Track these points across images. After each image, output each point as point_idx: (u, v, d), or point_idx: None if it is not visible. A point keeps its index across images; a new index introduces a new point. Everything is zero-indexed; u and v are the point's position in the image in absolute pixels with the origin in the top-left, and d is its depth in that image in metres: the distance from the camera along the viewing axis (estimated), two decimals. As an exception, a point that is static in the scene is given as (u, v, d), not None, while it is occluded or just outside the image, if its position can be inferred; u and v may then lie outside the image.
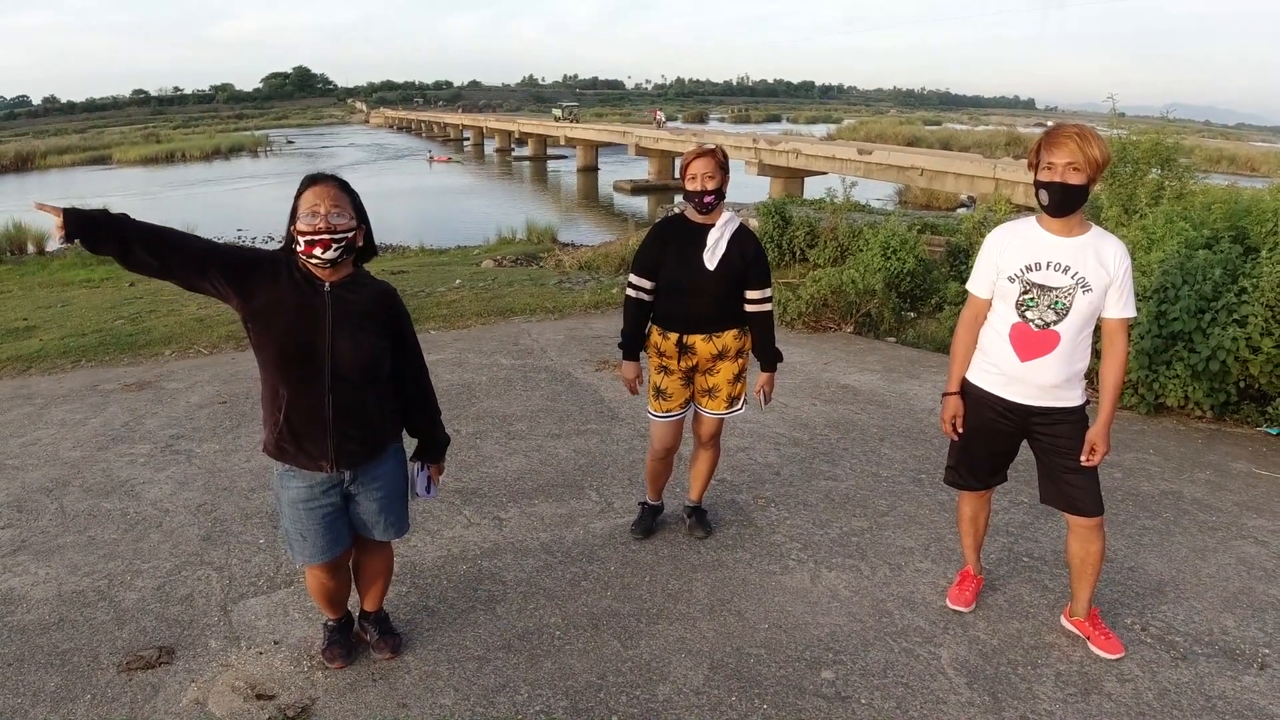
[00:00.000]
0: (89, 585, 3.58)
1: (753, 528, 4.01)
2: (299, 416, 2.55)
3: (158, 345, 8.33)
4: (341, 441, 2.59)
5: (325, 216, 2.43)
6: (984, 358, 2.97)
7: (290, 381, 2.53)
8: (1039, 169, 2.72)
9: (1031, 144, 2.78)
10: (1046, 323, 2.78)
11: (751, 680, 2.89)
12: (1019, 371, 2.85)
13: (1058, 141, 2.65)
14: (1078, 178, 2.64)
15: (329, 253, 2.45)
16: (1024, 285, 2.79)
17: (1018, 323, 2.83)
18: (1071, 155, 2.62)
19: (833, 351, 7.59)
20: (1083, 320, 2.77)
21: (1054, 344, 2.78)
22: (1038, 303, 2.78)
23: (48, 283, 17.37)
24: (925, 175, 29.10)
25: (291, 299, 2.49)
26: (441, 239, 25.09)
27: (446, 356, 7.27)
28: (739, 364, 3.64)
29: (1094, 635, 3.06)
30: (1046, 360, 2.80)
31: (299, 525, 2.66)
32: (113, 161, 65.12)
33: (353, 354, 2.53)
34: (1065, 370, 2.80)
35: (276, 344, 2.50)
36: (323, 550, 2.70)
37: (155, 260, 2.41)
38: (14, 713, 2.79)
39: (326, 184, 2.50)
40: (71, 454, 5.17)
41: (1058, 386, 2.83)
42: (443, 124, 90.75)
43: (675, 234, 3.52)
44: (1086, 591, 3.05)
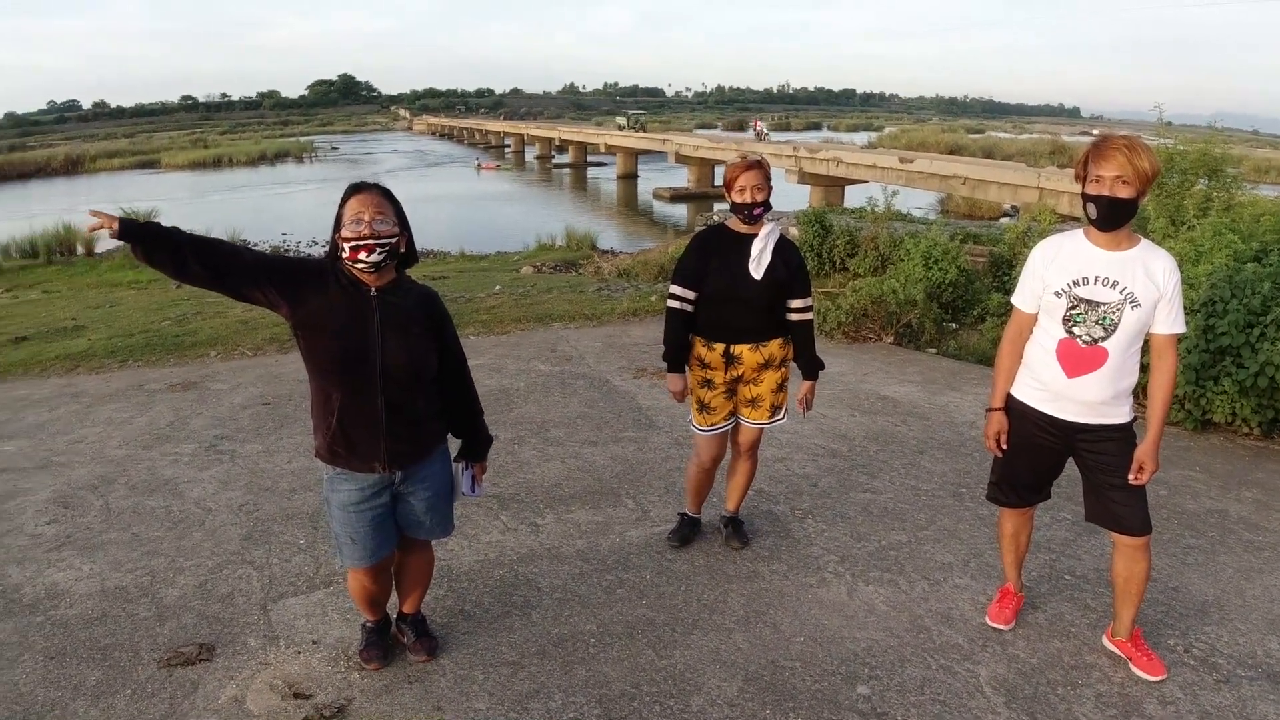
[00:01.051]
0: (131, 581, 3.66)
1: (790, 539, 3.97)
2: (352, 419, 2.60)
3: (203, 346, 8.50)
4: (394, 442, 2.65)
5: (369, 223, 2.49)
6: (1029, 373, 2.91)
7: (343, 385, 2.58)
8: (1086, 181, 2.66)
9: (1079, 155, 2.73)
10: (1094, 339, 2.72)
11: (786, 694, 2.86)
12: (1065, 388, 2.79)
13: (1106, 154, 2.59)
14: (1127, 191, 2.58)
15: (373, 257, 2.50)
16: (1071, 300, 2.74)
17: (1064, 338, 2.77)
18: (1120, 168, 2.56)
19: (872, 362, 7.52)
20: (1131, 337, 2.71)
21: (1101, 360, 2.72)
22: (1085, 318, 2.72)
23: (96, 283, 17.85)
24: (968, 184, 28.76)
25: (340, 305, 2.55)
26: (482, 245, 25.31)
27: (485, 362, 7.32)
28: (782, 373, 3.62)
29: (1136, 656, 2.98)
30: (1093, 377, 2.74)
31: (349, 528, 2.71)
32: (161, 166, 66.67)
33: (402, 356, 2.58)
34: (1112, 387, 2.74)
35: (328, 349, 2.55)
36: (371, 553, 2.74)
37: (208, 271, 2.48)
38: (55, 705, 2.86)
39: (370, 192, 2.56)
40: (117, 452, 5.29)
41: (1105, 403, 2.77)
42: (484, 131, 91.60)
43: (718, 244, 3.51)
44: (1130, 612, 2.97)
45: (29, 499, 4.57)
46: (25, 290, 17.80)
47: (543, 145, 70.39)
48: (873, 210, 13.88)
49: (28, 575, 3.73)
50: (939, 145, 56.90)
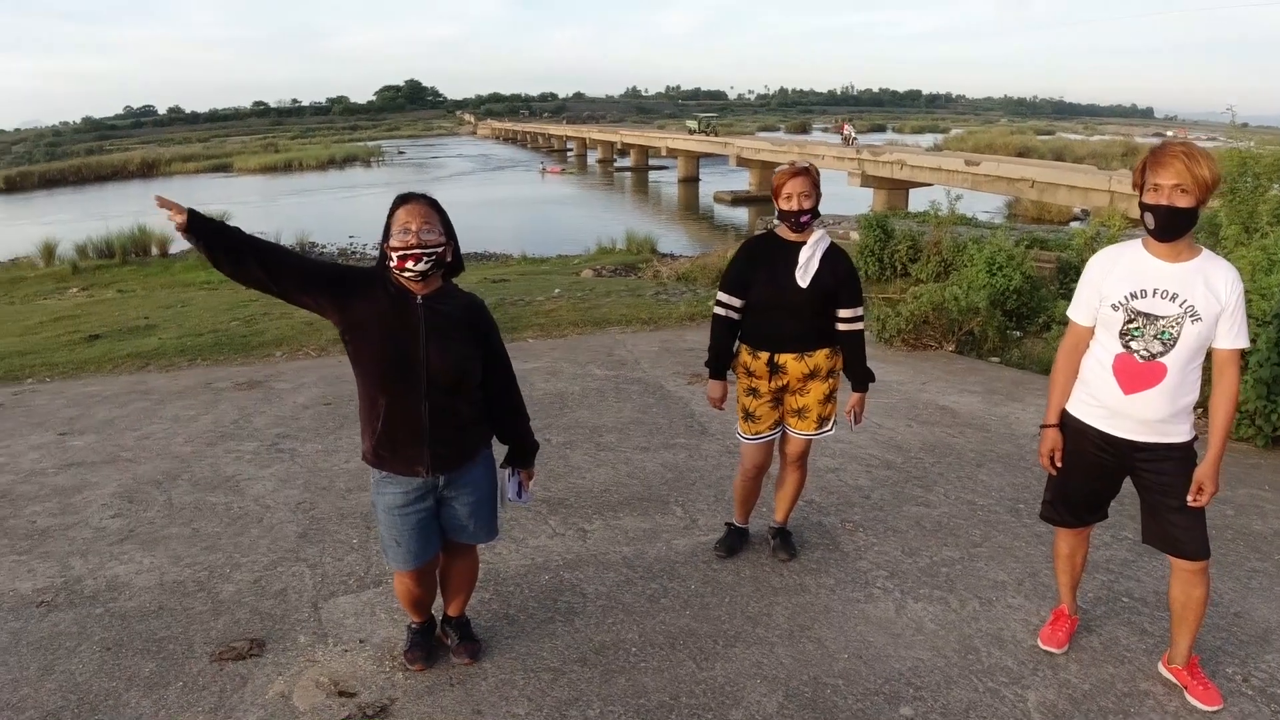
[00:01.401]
0: (189, 576, 3.77)
1: (839, 553, 3.91)
2: (396, 423, 2.65)
3: (269, 346, 8.75)
4: (436, 447, 2.69)
5: (416, 233, 2.55)
6: (1085, 389, 2.81)
7: (388, 390, 2.63)
8: (1144, 190, 2.56)
9: (1136, 163, 2.63)
10: (1152, 354, 2.62)
11: (826, 711, 2.81)
12: (1122, 405, 2.69)
13: (1164, 161, 2.49)
14: (1186, 200, 2.48)
15: (420, 265, 2.56)
16: (1129, 314, 2.64)
17: (1121, 353, 2.67)
18: (1179, 176, 2.46)
19: (932, 371, 7.37)
20: (1191, 351, 2.60)
21: (1160, 376, 2.62)
22: (1143, 332, 2.62)
23: (169, 284, 18.47)
24: (1036, 187, 28.04)
25: (387, 311, 2.61)
26: (543, 248, 25.52)
27: (542, 365, 7.38)
28: (830, 384, 3.56)
29: (1191, 685, 2.85)
30: (1151, 394, 2.63)
31: (394, 531, 2.76)
32: (233, 170, 68.73)
33: (446, 362, 2.62)
34: (1171, 405, 2.64)
35: (374, 354, 2.61)
36: (415, 556, 2.79)
37: (264, 272, 2.55)
38: (108, 695, 2.96)
39: (417, 203, 2.62)
40: (182, 449, 5.46)
41: (1163, 421, 2.66)
42: (547, 135, 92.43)
43: (766, 252, 3.48)
44: (1187, 638, 2.85)
45: (95, 493, 4.75)
46: (101, 289, 18.52)
47: (604, 149, 70.73)
48: (936, 214, 13.63)
49: (90, 568, 3.87)
50: (1007, 147, 55.60)
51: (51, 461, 5.32)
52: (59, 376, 8.04)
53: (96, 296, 16.91)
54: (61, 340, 9.91)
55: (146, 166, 70.34)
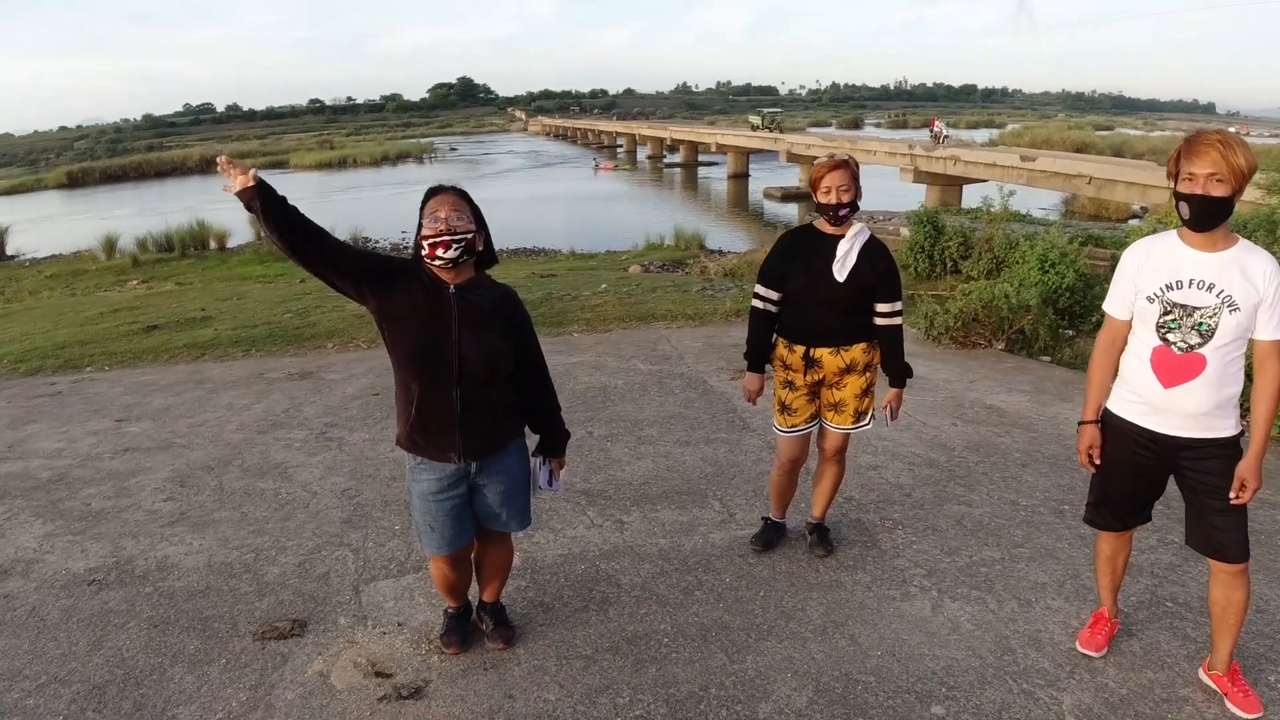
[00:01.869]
0: (236, 558, 3.88)
1: (876, 550, 3.88)
2: (429, 410, 2.70)
3: (321, 338, 8.93)
4: (468, 435, 2.74)
5: (445, 220, 2.61)
6: (1125, 386, 2.75)
7: (421, 378, 2.68)
8: (1179, 180, 2.50)
9: (1170, 152, 2.57)
10: (1190, 345, 2.56)
11: (856, 708, 2.80)
12: (1163, 399, 2.63)
13: (1199, 150, 2.43)
14: (1221, 189, 2.42)
15: (450, 252, 2.61)
16: (1165, 305, 2.58)
17: (1159, 346, 2.61)
18: (1214, 165, 2.40)
19: (980, 369, 7.25)
20: (1230, 342, 2.53)
21: (1199, 368, 2.55)
22: (1180, 324, 2.56)
23: (226, 277, 18.96)
24: (1093, 184, 27.35)
25: (421, 300, 2.67)
26: (591, 244, 25.65)
27: (586, 359, 7.42)
28: (866, 378, 3.53)
29: (1232, 692, 2.77)
30: (1192, 386, 2.57)
31: (428, 517, 2.82)
32: (289, 166, 70.21)
33: (477, 351, 2.67)
34: (1214, 396, 2.57)
35: (408, 342, 2.67)
36: (449, 542, 2.84)
37: (319, 251, 2.61)
38: (153, 671, 3.07)
39: (446, 193, 2.69)
40: (234, 436, 5.61)
41: (1207, 414, 2.59)
42: (597, 131, 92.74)
43: (804, 245, 3.47)
44: (1228, 643, 2.77)
45: (149, 477, 4.91)
46: (160, 282, 19.09)
47: (654, 145, 70.74)
48: (988, 210, 13.39)
49: (141, 548, 4.01)
50: (1064, 143, 54.27)
51: (108, 447, 5.51)
52: (117, 365, 8.30)
53: (155, 289, 17.42)
54: (120, 330, 10.23)
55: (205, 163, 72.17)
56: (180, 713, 2.85)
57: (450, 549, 2.86)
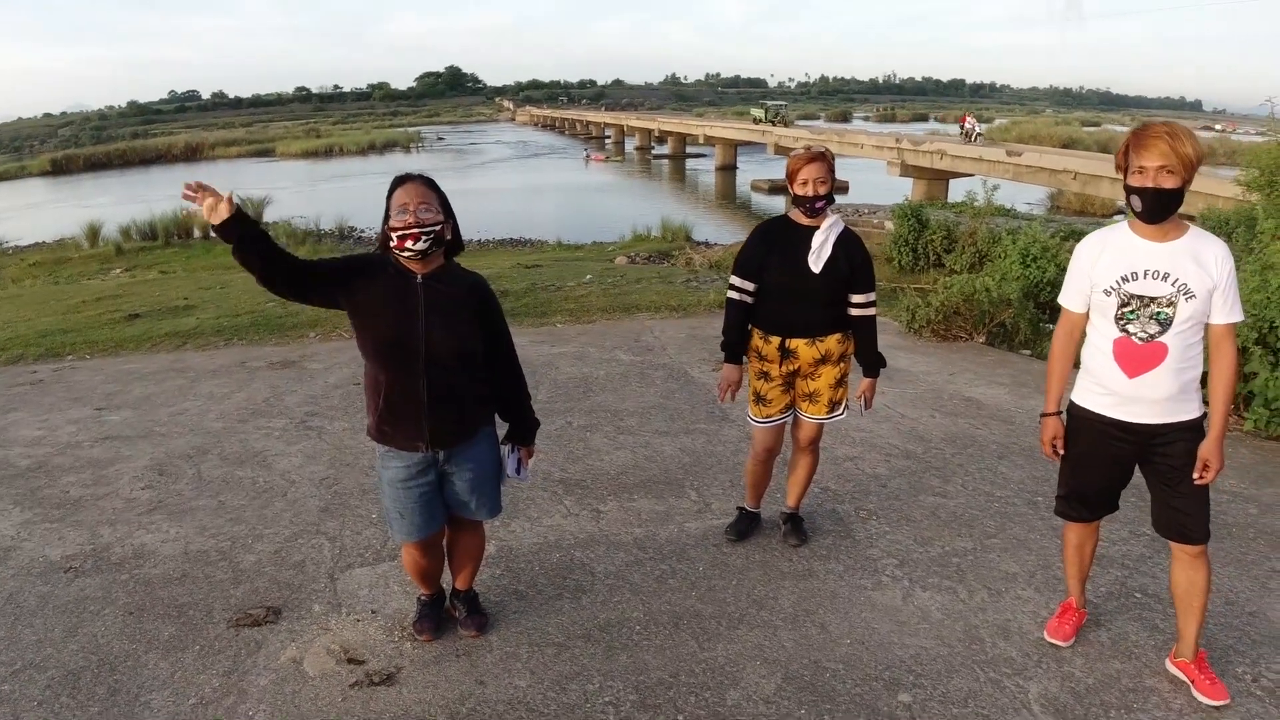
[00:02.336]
0: (213, 546, 3.88)
1: (850, 539, 3.92)
2: (397, 400, 2.71)
3: (304, 328, 8.90)
4: (436, 423, 2.74)
5: (414, 212, 2.61)
6: (1091, 379, 2.79)
7: (388, 367, 2.69)
8: (1129, 173, 2.53)
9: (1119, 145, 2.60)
10: (1150, 335, 2.60)
11: (824, 695, 2.83)
12: (1129, 389, 2.66)
13: (1147, 143, 2.46)
14: (1172, 181, 2.45)
15: (419, 244, 2.62)
16: (1122, 297, 2.62)
17: (1120, 337, 2.65)
18: (1164, 157, 2.43)
19: (961, 362, 7.30)
20: (1189, 329, 2.58)
21: (1161, 356, 2.60)
22: (1139, 315, 2.60)
23: (210, 265, 18.85)
24: (1078, 179, 27.51)
25: (389, 291, 2.67)
26: (578, 235, 25.65)
27: (569, 350, 7.43)
28: (841, 368, 3.56)
29: (1198, 679, 2.81)
30: (1156, 374, 2.61)
31: (397, 504, 2.83)
32: (275, 154, 69.82)
33: (445, 340, 2.68)
34: (1177, 381, 2.61)
35: (375, 332, 2.68)
36: (418, 528, 2.85)
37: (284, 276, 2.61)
38: (128, 657, 3.07)
39: (414, 183, 2.68)
40: (214, 425, 5.60)
41: (1172, 400, 2.64)
42: (585, 122, 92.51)
43: (779, 236, 3.49)
44: (1193, 628, 2.82)
45: (128, 465, 4.90)
46: (143, 270, 18.98)
47: (642, 136, 70.64)
48: (972, 205, 13.46)
49: (119, 536, 4.01)
50: (1051, 138, 54.50)
51: (88, 435, 5.49)
52: (99, 354, 8.25)
53: (139, 277, 17.32)
54: (103, 319, 10.17)
55: (190, 150, 71.77)
56: (153, 699, 2.85)
57: (419, 536, 2.87)
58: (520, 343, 3.10)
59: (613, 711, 2.76)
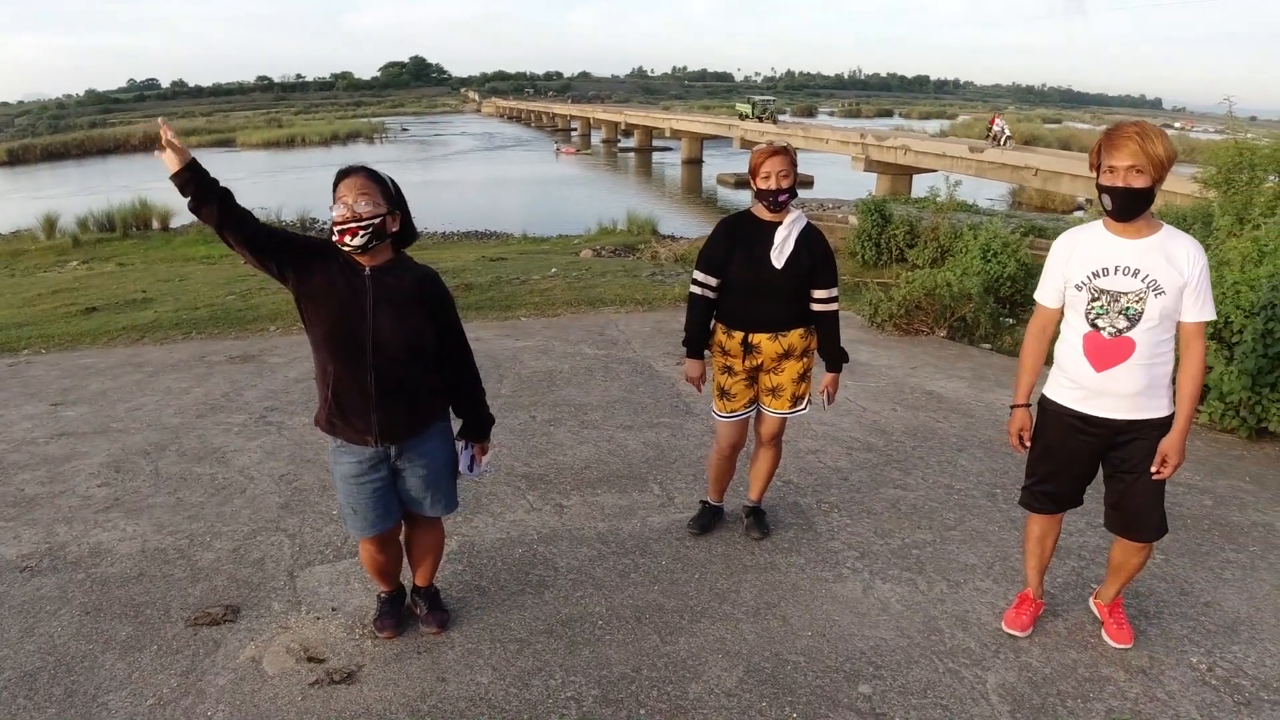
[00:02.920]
0: (170, 544, 3.82)
1: (812, 532, 3.95)
2: (345, 392, 2.69)
3: (264, 321, 8.78)
4: (385, 416, 2.71)
5: (351, 206, 2.56)
6: (1061, 373, 2.83)
7: (336, 359, 2.66)
8: (1100, 172, 2.58)
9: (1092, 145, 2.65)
10: (1119, 330, 2.64)
11: (785, 687, 2.86)
12: (1097, 383, 2.71)
13: (1118, 142, 2.50)
14: (1141, 180, 2.50)
15: (357, 239, 2.57)
16: (1092, 292, 2.67)
17: (1089, 332, 2.70)
18: (1134, 157, 2.48)
19: (922, 356, 7.39)
20: (1157, 325, 2.63)
21: (1129, 351, 2.64)
22: (1108, 310, 2.65)
23: (169, 258, 18.51)
24: (1040, 176, 27.93)
25: (338, 282, 2.64)
26: (544, 228, 25.52)
27: (533, 344, 7.40)
28: (804, 363, 3.59)
29: (1108, 622, 3.02)
30: (1123, 369, 2.66)
31: (350, 499, 2.81)
32: (236, 145, 68.65)
33: (393, 333, 2.65)
34: (1145, 376, 2.66)
35: (324, 323, 2.65)
36: (372, 524, 2.83)
37: (244, 232, 2.59)
38: (85, 658, 3.02)
39: (355, 175, 2.63)
40: (172, 420, 5.51)
41: (1139, 395, 2.68)
42: (551, 114, 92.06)
43: (742, 231, 3.50)
44: (1116, 586, 3.02)
45: (84, 462, 4.80)
46: (101, 263, 18.57)
47: (609, 129, 70.46)
48: (935, 200, 13.60)
49: (74, 534, 3.93)
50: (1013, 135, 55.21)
51: (43, 431, 5.37)
52: (55, 348, 8.09)
53: (96, 270, 16.96)
54: (59, 312, 9.97)
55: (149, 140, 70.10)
56: (111, 699, 2.81)
57: (373, 531, 2.85)
58: (484, 336, 3.09)
59: (575, 707, 2.77)
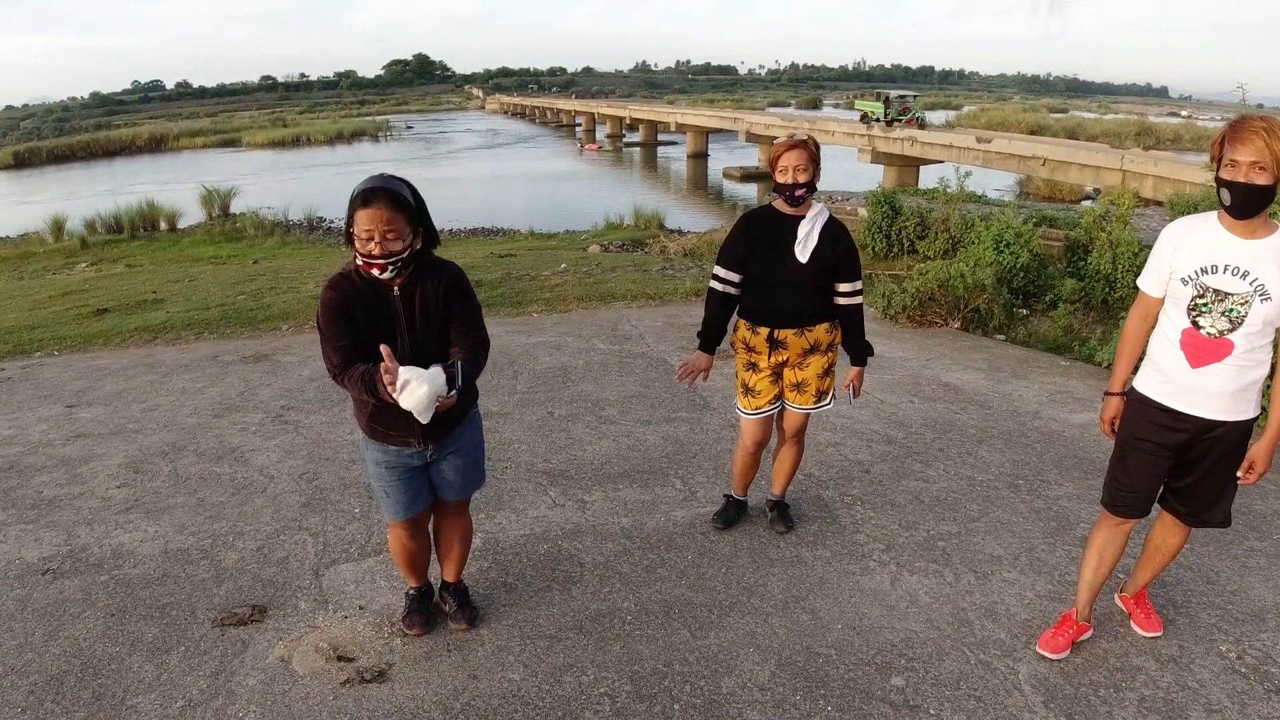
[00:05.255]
0: (193, 544, 3.82)
1: (836, 525, 3.94)
2: (387, 409, 2.64)
3: (276, 320, 8.78)
4: (428, 424, 2.68)
5: (380, 243, 2.46)
6: (1152, 365, 2.75)
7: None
8: (1221, 165, 2.47)
9: (1214, 136, 2.54)
10: (1219, 330, 2.55)
11: (818, 680, 2.85)
12: (1190, 379, 2.62)
13: (1243, 136, 2.39)
14: (1264, 177, 2.39)
15: (386, 273, 2.53)
16: (1198, 289, 2.57)
17: (1188, 328, 2.61)
18: (1258, 153, 2.37)
19: (936, 348, 7.36)
20: (1259, 330, 2.53)
21: (1226, 352, 2.56)
22: (1211, 309, 2.55)
23: (177, 258, 18.54)
24: (1048, 165, 27.82)
25: (369, 310, 2.59)
26: (551, 224, 25.50)
27: (546, 340, 7.39)
28: (829, 358, 3.56)
29: (1135, 612, 2.97)
30: (1218, 368, 2.58)
31: (383, 484, 2.83)
32: (241, 144, 68.69)
33: (432, 347, 2.64)
34: (1238, 380, 2.58)
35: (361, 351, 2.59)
36: (405, 507, 2.85)
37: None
38: (112, 660, 3.02)
39: (378, 206, 2.46)
40: (189, 420, 5.51)
41: (1229, 397, 2.61)
42: (555, 110, 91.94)
43: (764, 226, 3.47)
44: (1147, 576, 2.96)
45: (102, 464, 4.80)
46: (109, 264, 18.59)
47: (613, 124, 70.33)
48: (945, 191, 13.51)
49: (96, 536, 3.93)
50: (1020, 125, 55.10)
51: (59, 433, 5.38)
52: (67, 350, 8.09)
53: (105, 271, 16.97)
54: (70, 314, 9.97)
55: (155, 142, 70.49)
56: (140, 701, 2.81)
57: (406, 514, 2.86)
58: (497, 332, 3.06)
59: (608, 702, 2.76)
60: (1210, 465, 2.71)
